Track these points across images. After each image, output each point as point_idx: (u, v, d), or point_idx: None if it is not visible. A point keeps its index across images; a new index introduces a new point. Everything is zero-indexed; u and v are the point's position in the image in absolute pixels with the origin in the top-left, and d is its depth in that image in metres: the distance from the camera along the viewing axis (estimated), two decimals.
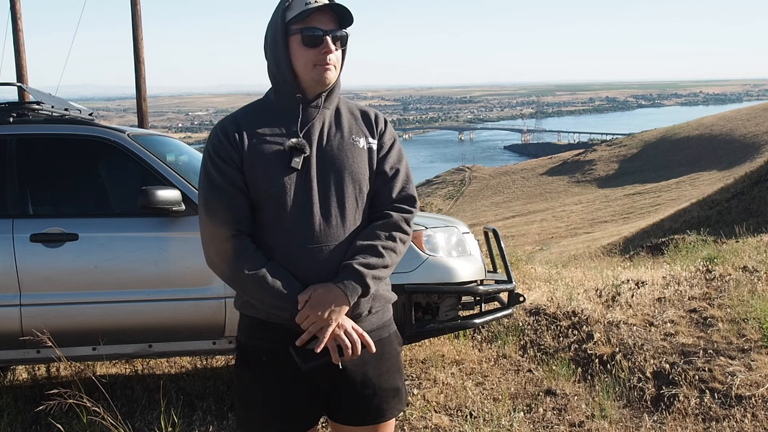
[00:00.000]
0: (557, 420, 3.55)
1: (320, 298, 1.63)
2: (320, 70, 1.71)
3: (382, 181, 1.78)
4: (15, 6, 13.43)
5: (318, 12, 1.69)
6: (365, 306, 1.74)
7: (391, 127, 1.87)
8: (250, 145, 1.71)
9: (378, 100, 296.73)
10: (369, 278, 1.67)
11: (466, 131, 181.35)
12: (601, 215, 42.04)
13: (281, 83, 1.75)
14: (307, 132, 1.73)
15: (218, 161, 1.71)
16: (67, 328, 3.51)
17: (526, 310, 5.32)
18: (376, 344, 1.75)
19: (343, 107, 1.82)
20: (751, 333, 4.41)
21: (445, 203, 57.18)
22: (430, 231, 3.85)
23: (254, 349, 1.75)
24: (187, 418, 3.54)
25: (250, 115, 1.78)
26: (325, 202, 1.70)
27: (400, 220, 1.75)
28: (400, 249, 1.75)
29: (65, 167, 3.89)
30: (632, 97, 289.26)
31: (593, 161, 66.09)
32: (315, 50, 1.70)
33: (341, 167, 1.73)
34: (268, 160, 1.70)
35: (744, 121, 64.19)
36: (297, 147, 1.70)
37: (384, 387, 1.78)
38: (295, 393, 1.73)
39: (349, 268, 1.66)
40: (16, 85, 5.29)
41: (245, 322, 1.79)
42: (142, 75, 13.48)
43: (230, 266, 1.68)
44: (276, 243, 1.70)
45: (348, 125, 1.79)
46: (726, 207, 20.07)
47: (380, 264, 1.69)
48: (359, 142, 1.77)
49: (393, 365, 1.82)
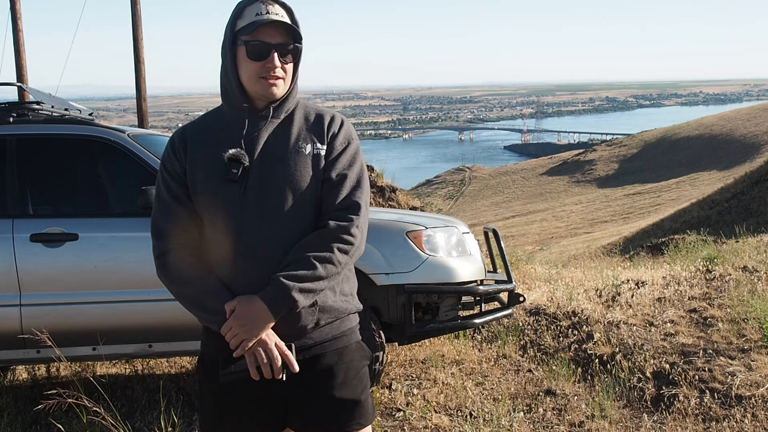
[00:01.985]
0: (557, 420, 3.55)
1: (243, 310, 1.60)
2: (264, 83, 1.67)
3: (328, 187, 1.69)
4: (15, 6, 13.43)
5: (267, 25, 1.65)
6: (309, 319, 1.67)
7: (349, 130, 1.77)
8: (193, 157, 1.70)
9: (378, 100, 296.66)
10: (295, 291, 1.59)
11: (466, 131, 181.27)
12: (601, 215, 42.06)
13: (229, 92, 1.73)
14: (251, 142, 1.69)
15: (164, 173, 1.73)
16: (67, 328, 3.51)
17: (526, 310, 5.32)
18: (331, 354, 1.71)
19: (299, 113, 1.76)
20: (751, 333, 4.41)
21: (445, 203, 57.14)
22: (430, 231, 3.85)
23: (210, 359, 1.73)
24: (187, 418, 3.54)
25: (201, 125, 1.77)
26: (263, 214, 1.66)
27: (337, 228, 1.65)
28: (340, 259, 1.65)
29: (65, 167, 3.89)
30: (632, 97, 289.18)
31: (593, 161, 66.10)
32: (260, 63, 1.66)
33: (281, 177, 1.67)
34: (207, 171, 1.68)
35: (744, 121, 64.20)
36: (234, 158, 1.65)
37: (339, 398, 1.70)
38: (249, 401, 1.70)
39: (275, 281, 1.60)
40: (16, 85, 5.29)
41: (203, 331, 1.77)
42: (142, 75, 13.48)
43: (165, 279, 1.71)
44: (217, 254, 1.68)
45: (297, 132, 1.72)
46: (726, 207, 20.08)
47: (311, 276, 1.61)
48: (305, 149, 1.69)
49: (351, 377, 1.73)
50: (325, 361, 1.70)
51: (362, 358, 1.79)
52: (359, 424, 1.72)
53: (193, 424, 3.49)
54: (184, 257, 1.68)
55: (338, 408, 1.70)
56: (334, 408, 1.70)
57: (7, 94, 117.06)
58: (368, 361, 1.82)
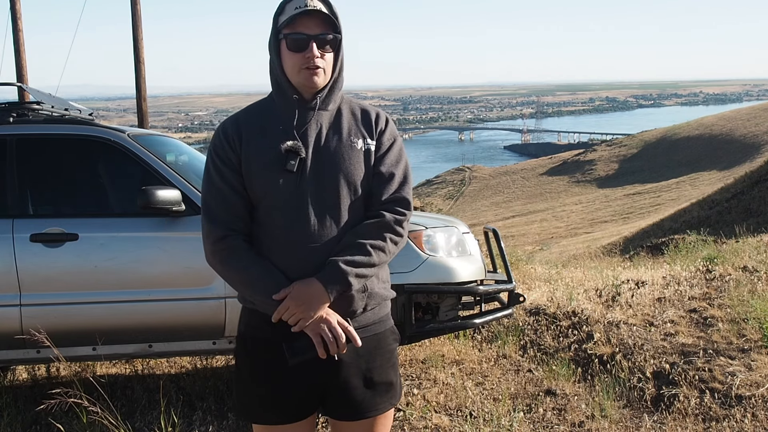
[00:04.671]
0: (557, 420, 3.55)
1: (300, 291, 1.67)
2: (306, 74, 1.73)
3: (378, 182, 1.79)
4: (15, 6, 13.43)
5: (305, 16, 1.71)
6: (359, 304, 1.76)
7: (393, 127, 1.86)
8: (248, 147, 1.76)
9: (378, 100, 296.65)
10: (351, 276, 1.68)
11: (466, 131, 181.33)
12: (601, 215, 42.05)
13: (279, 85, 1.79)
14: (304, 133, 1.76)
15: (217, 161, 1.77)
16: (67, 328, 3.50)
17: (526, 310, 5.32)
18: (371, 339, 1.79)
19: (345, 107, 1.83)
20: (751, 333, 4.41)
21: (445, 203, 57.15)
22: (430, 231, 3.85)
23: (252, 339, 1.80)
24: (187, 418, 3.54)
25: (252, 116, 1.82)
26: (319, 204, 1.73)
27: (392, 220, 1.75)
28: (391, 249, 1.75)
29: (65, 167, 3.89)
30: (632, 97, 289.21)
31: (593, 161, 66.10)
32: (300, 54, 1.73)
33: (336, 169, 1.74)
34: (264, 161, 1.73)
35: (744, 121, 64.20)
36: (292, 149, 1.72)
37: (376, 381, 1.81)
38: (289, 383, 1.76)
39: (333, 264, 1.68)
40: (16, 85, 5.28)
41: (245, 313, 1.84)
42: (142, 75, 13.48)
43: (221, 264, 1.76)
44: (271, 242, 1.74)
45: (347, 126, 1.80)
46: (726, 207, 20.07)
47: (366, 262, 1.70)
48: (357, 144, 1.78)
49: (387, 360, 1.84)
50: (366, 345, 1.77)
51: (395, 341, 1.90)
52: (390, 403, 1.85)
53: (193, 424, 3.49)
54: (240, 243, 1.74)
55: (374, 391, 1.80)
56: (370, 391, 1.80)
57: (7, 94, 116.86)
58: (398, 343, 1.93)
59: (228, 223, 1.74)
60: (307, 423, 1.83)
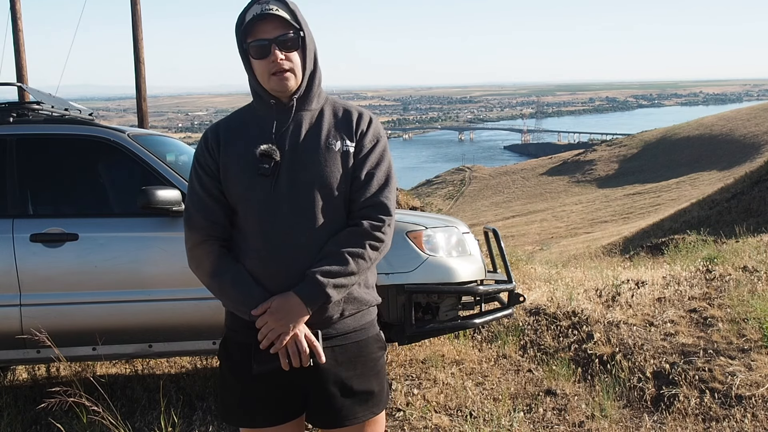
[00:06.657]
0: (557, 420, 3.55)
1: (279, 305, 1.66)
2: (275, 79, 1.71)
3: (356, 185, 1.74)
4: (15, 6, 13.43)
5: (262, 21, 1.69)
6: (335, 310, 1.73)
7: (377, 128, 1.80)
8: (226, 153, 1.76)
9: (378, 100, 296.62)
10: (329, 287, 1.66)
11: (466, 131, 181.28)
12: (601, 215, 42.05)
13: (256, 92, 1.79)
14: (281, 136, 1.73)
15: (198, 168, 1.79)
16: (67, 328, 3.50)
17: (526, 310, 5.32)
18: (352, 346, 1.77)
19: (328, 108, 1.80)
20: (751, 333, 4.41)
21: (445, 203, 57.16)
22: (430, 231, 3.85)
23: (233, 341, 1.81)
24: (187, 418, 3.54)
25: (233, 121, 1.82)
26: (294, 208, 1.70)
27: (369, 227, 1.71)
28: (371, 255, 1.71)
29: (65, 167, 3.89)
30: (632, 97, 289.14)
31: (593, 161, 66.11)
32: (265, 60, 1.70)
33: (311, 172, 1.71)
34: (240, 166, 1.73)
35: (744, 121, 64.20)
36: (266, 153, 1.70)
37: (356, 389, 1.77)
38: (269, 387, 1.75)
39: (310, 277, 1.66)
40: (16, 85, 5.28)
41: (227, 316, 1.84)
42: (142, 75, 13.48)
43: (196, 269, 1.79)
44: (248, 246, 1.74)
45: (327, 127, 1.76)
46: (726, 207, 20.05)
47: (343, 272, 1.67)
48: (334, 145, 1.73)
49: (369, 369, 1.80)
50: (346, 352, 1.76)
51: (379, 350, 1.85)
52: (372, 412, 1.80)
53: (193, 424, 3.49)
54: (216, 248, 1.75)
55: (353, 399, 1.77)
56: (349, 400, 1.76)
57: (7, 94, 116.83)
58: (384, 352, 1.88)
59: (206, 229, 1.75)
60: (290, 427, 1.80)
